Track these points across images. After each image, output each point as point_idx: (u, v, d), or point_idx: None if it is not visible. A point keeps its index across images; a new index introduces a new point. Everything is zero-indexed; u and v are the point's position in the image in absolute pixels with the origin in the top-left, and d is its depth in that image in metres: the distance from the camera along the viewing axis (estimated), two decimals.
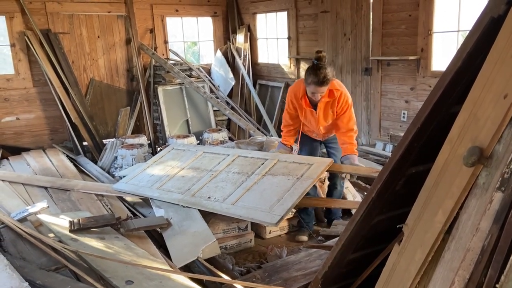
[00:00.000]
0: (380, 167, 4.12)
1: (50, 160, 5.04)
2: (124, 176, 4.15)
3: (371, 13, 4.96)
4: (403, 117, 4.84)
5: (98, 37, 6.00)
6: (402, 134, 4.78)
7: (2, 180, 4.14)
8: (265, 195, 2.47)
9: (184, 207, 2.91)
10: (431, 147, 1.46)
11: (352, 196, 3.77)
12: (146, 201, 3.54)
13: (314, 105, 3.10)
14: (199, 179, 2.87)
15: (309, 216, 3.41)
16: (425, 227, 1.37)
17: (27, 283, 1.99)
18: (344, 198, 3.77)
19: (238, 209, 2.49)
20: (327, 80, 2.90)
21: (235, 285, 2.32)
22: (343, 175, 2.89)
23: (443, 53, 4.44)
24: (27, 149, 5.49)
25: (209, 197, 2.70)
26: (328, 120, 3.13)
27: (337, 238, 2.21)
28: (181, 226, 2.93)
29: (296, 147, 3.41)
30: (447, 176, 1.30)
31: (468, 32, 1.28)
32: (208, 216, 3.19)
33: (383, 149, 4.86)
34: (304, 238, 3.33)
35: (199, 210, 3.03)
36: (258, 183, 2.57)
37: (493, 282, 1.08)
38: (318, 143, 3.40)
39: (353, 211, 3.62)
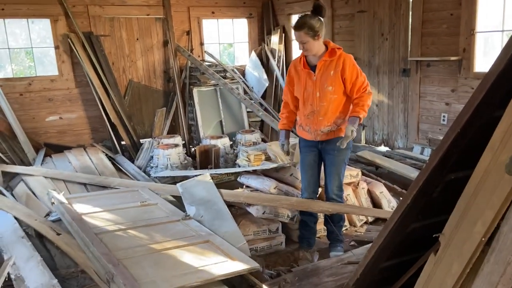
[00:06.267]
0: (416, 172, 3.98)
1: (90, 159, 5.22)
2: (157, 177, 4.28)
3: (410, 12, 4.81)
4: (443, 120, 4.66)
5: (137, 39, 6.17)
6: (441, 138, 4.60)
7: (45, 177, 4.33)
8: None
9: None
10: (471, 152, 1.38)
11: (387, 201, 3.67)
12: (177, 198, 3.61)
13: (313, 68, 2.93)
14: None
15: (309, 232, 3.15)
16: (463, 238, 1.30)
17: (56, 280, 2.04)
18: (379, 203, 3.67)
19: None
20: (302, 25, 2.81)
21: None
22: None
23: (486, 54, 4.24)
24: (69, 147, 5.72)
25: None
26: (328, 84, 2.84)
27: (370, 245, 2.15)
28: (212, 225, 2.95)
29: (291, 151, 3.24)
30: (488, 185, 1.22)
31: None
32: (239, 218, 3.20)
33: (421, 153, 4.69)
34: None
35: (229, 209, 3.12)
36: None
37: None
38: (315, 153, 2.97)
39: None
